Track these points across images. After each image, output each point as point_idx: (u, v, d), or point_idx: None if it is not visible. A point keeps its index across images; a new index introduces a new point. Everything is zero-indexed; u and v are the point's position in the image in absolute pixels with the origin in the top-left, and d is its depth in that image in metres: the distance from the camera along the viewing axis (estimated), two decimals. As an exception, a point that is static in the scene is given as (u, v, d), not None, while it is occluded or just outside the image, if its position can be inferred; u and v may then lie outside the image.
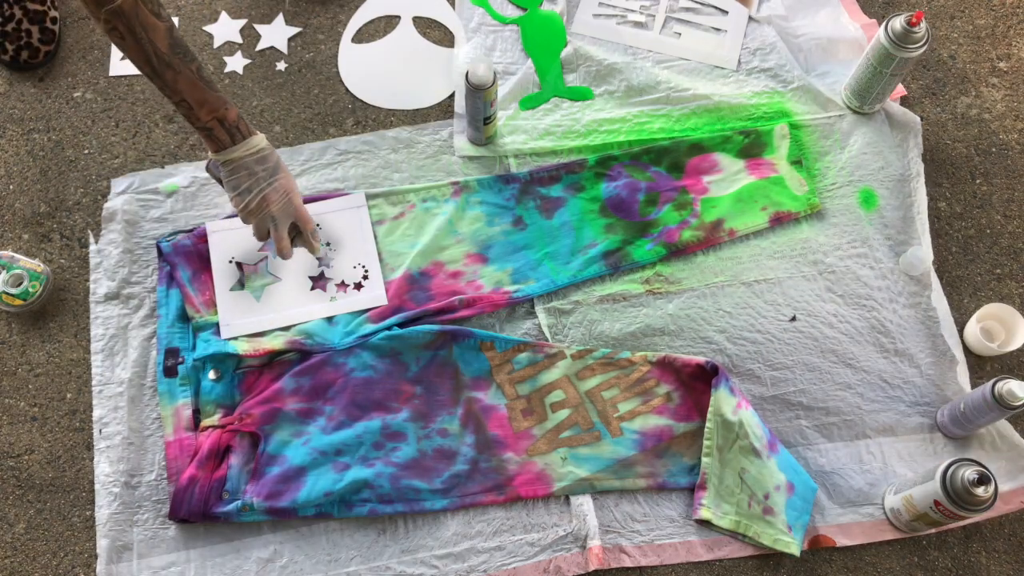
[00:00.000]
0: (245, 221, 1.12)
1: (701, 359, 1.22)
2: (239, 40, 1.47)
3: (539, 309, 1.28)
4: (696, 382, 1.23)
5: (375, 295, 1.26)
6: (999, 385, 1.11)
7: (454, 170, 1.37)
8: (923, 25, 1.25)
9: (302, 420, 1.19)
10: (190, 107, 1.01)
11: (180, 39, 0.99)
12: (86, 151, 1.38)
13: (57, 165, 1.37)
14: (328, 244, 1.29)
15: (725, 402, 1.18)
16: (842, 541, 1.17)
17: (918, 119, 1.40)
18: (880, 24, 1.38)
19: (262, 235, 1.13)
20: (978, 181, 1.40)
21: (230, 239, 1.29)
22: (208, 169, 1.14)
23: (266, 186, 1.08)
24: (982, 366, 1.27)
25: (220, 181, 1.11)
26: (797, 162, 1.37)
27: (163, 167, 1.36)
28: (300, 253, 1.28)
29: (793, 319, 1.27)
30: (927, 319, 1.28)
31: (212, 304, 1.25)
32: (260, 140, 1.08)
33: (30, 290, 1.24)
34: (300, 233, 1.17)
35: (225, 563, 1.14)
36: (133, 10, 0.93)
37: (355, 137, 1.39)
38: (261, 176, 1.08)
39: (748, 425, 1.16)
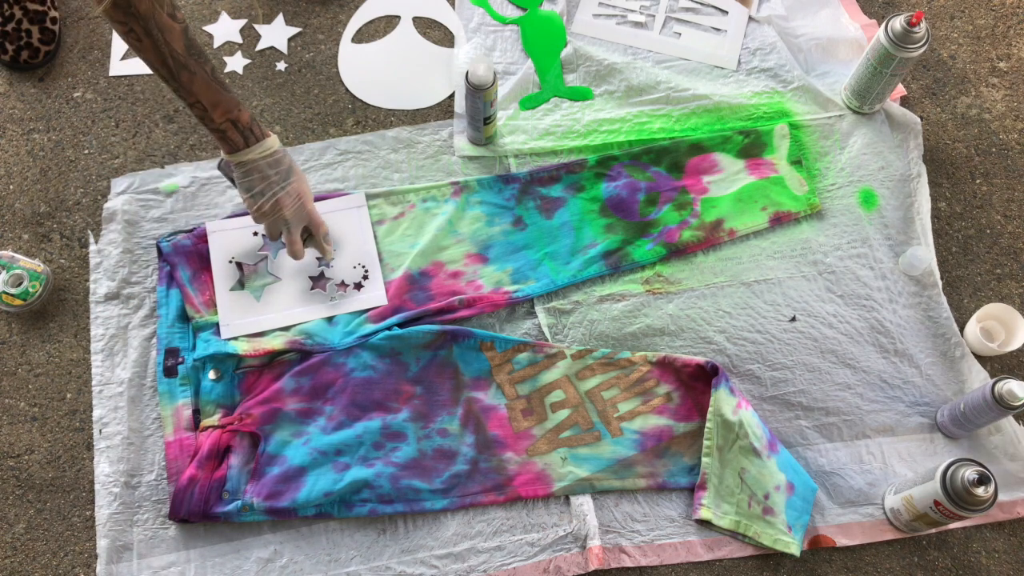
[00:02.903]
0: (257, 222, 1.13)
1: (701, 359, 1.22)
2: (239, 40, 1.47)
3: (539, 309, 1.28)
4: (696, 382, 1.23)
5: (375, 295, 1.26)
6: (999, 385, 1.11)
7: (454, 170, 1.37)
8: (923, 25, 1.25)
9: (302, 420, 1.19)
10: (204, 109, 1.01)
11: (195, 40, 0.99)
12: (86, 151, 1.38)
13: (57, 165, 1.37)
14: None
15: (725, 402, 1.18)
16: (842, 541, 1.17)
17: (918, 119, 1.40)
18: (880, 24, 1.38)
19: (274, 236, 1.15)
20: (978, 181, 1.40)
21: (230, 239, 1.29)
22: (220, 168, 1.15)
23: (279, 190, 1.09)
24: (982, 366, 1.27)
25: (232, 180, 1.12)
26: (797, 162, 1.37)
27: (163, 167, 1.36)
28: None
29: (793, 319, 1.27)
30: (927, 319, 1.28)
31: (212, 304, 1.25)
32: (273, 142, 1.08)
33: (30, 290, 1.24)
34: (312, 236, 1.19)
35: (225, 563, 1.14)
36: (150, 12, 0.93)
37: (355, 137, 1.39)
38: (274, 180, 1.08)
39: (748, 425, 1.16)
